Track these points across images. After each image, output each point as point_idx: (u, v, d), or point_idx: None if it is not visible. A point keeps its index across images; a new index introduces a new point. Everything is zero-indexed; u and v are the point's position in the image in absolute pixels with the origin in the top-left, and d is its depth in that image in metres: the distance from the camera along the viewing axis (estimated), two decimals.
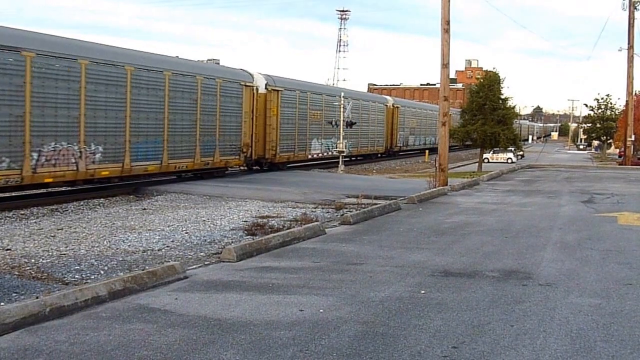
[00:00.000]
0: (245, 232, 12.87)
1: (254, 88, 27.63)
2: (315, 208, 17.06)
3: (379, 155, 48.44)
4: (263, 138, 29.12)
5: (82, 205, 17.50)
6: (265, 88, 28.99)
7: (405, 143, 54.06)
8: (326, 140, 35.83)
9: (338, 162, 33.97)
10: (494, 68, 42.79)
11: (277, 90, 29.90)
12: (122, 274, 8.78)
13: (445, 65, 23.32)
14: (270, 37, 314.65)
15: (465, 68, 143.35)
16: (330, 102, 35.14)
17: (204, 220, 14.34)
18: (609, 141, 73.90)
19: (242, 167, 28.63)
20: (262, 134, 29.04)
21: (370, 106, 44.80)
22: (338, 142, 34.74)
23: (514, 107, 42.13)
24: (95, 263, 9.81)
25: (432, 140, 60.01)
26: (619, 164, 46.53)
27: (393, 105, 50.25)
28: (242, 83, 26.71)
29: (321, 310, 6.98)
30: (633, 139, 45.27)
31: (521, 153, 57.02)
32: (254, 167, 29.93)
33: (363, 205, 16.20)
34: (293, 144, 32.03)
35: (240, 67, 28.31)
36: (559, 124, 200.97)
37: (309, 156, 34.26)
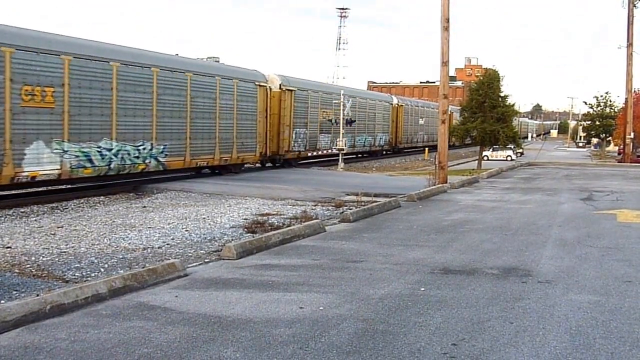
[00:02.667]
0: (246, 229, 12.88)
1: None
2: (315, 206, 17.07)
3: (384, 152, 49.78)
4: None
5: (82, 203, 17.51)
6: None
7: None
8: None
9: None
10: (493, 66, 42.85)
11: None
12: (122, 271, 8.79)
13: (445, 63, 23.32)
14: (270, 36, 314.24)
15: (465, 66, 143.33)
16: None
17: (204, 218, 14.35)
18: (608, 139, 73.87)
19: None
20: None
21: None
22: (338, 139, 34.86)
23: (513, 104, 42.11)
24: (96, 261, 9.82)
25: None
26: (618, 162, 46.51)
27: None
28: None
29: (321, 308, 6.99)
30: (632, 136, 45.27)
31: (521, 151, 56.93)
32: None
33: (363, 203, 16.21)
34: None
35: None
36: (559, 122, 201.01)
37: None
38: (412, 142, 56.15)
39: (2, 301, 7.27)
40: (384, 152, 49.91)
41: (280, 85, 30.50)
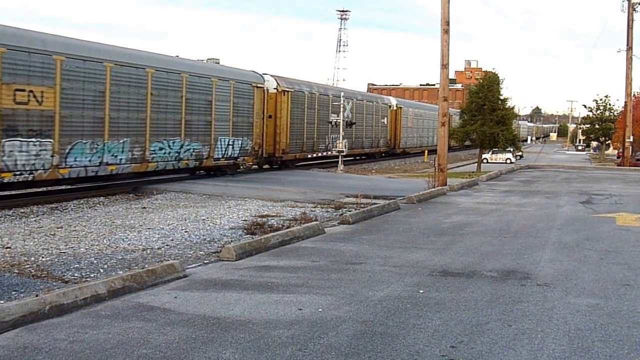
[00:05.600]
0: (245, 231, 12.88)
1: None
2: (314, 207, 17.08)
3: (383, 155, 48.70)
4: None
5: (82, 203, 17.51)
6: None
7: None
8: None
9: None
10: (493, 69, 42.89)
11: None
12: (121, 272, 8.79)
13: (444, 65, 23.35)
14: (270, 36, 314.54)
15: (465, 68, 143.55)
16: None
17: (204, 219, 14.36)
18: (607, 142, 73.94)
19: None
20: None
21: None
22: (338, 141, 34.80)
23: (513, 107, 42.18)
24: (95, 261, 9.82)
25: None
26: (618, 165, 46.56)
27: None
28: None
29: (320, 310, 7.00)
30: (631, 140, 45.32)
31: (520, 153, 57.10)
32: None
33: (362, 205, 16.22)
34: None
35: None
36: (558, 125, 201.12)
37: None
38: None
39: (1, 301, 7.26)
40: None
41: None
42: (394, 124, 50.13)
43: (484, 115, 39.29)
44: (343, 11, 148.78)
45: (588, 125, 74.01)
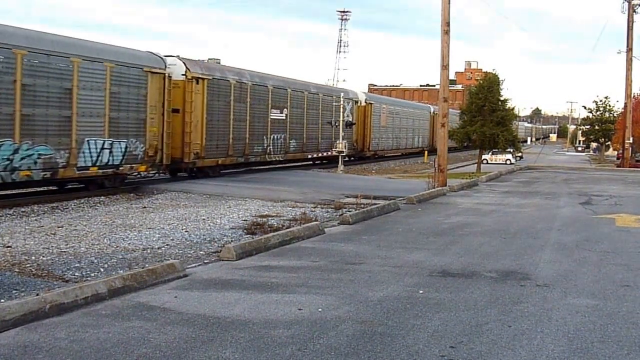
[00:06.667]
0: (245, 231, 12.90)
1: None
2: (314, 208, 17.09)
3: (351, 158, 40.99)
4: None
5: (82, 203, 17.52)
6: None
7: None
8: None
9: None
10: (493, 70, 42.83)
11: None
12: (122, 271, 8.80)
13: (445, 66, 23.37)
14: (271, 37, 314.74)
15: (465, 69, 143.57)
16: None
17: (204, 219, 14.37)
18: (607, 143, 73.93)
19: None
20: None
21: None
22: (337, 142, 34.48)
23: (513, 108, 42.18)
24: (95, 261, 9.84)
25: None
26: (617, 166, 46.56)
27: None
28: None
29: (320, 310, 7.01)
30: (631, 141, 45.35)
31: (520, 154, 57.00)
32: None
33: (362, 205, 16.23)
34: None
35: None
36: (558, 126, 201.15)
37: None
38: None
39: (2, 300, 7.28)
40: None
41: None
42: (362, 122, 42.29)
43: (484, 116, 39.27)
44: (343, 12, 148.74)
45: (588, 127, 73.97)
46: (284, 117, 30.88)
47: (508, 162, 51.94)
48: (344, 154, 34.81)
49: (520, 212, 16.67)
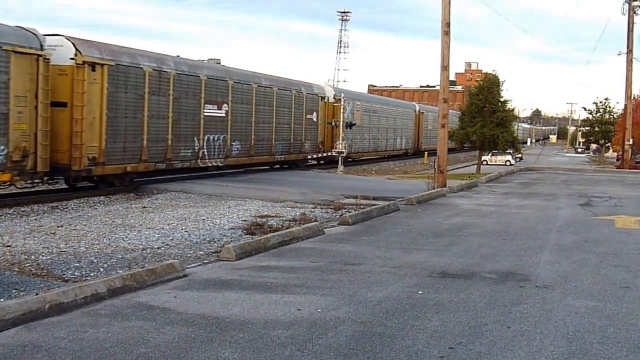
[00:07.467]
0: (245, 231, 12.90)
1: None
2: (314, 208, 17.10)
3: (321, 162, 35.70)
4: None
5: (82, 202, 17.52)
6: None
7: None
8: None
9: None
10: (493, 71, 42.82)
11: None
12: (121, 271, 8.81)
13: (445, 67, 23.38)
14: (271, 38, 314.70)
15: (465, 70, 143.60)
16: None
17: (204, 219, 14.37)
18: (607, 145, 73.93)
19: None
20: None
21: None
22: (337, 142, 34.38)
23: (513, 109, 42.16)
24: (95, 260, 9.84)
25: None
26: (617, 168, 46.58)
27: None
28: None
29: (319, 310, 7.01)
30: (631, 142, 45.34)
31: (520, 155, 56.97)
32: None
33: (362, 206, 16.24)
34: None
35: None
36: (558, 127, 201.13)
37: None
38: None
39: (1, 299, 7.28)
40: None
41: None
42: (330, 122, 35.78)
43: (484, 117, 39.26)
44: (344, 12, 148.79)
45: (588, 128, 73.93)
46: (223, 115, 25.24)
47: (508, 163, 51.92)
48: (343, 154, 34.72)
49: (520, 213, 16.67)
